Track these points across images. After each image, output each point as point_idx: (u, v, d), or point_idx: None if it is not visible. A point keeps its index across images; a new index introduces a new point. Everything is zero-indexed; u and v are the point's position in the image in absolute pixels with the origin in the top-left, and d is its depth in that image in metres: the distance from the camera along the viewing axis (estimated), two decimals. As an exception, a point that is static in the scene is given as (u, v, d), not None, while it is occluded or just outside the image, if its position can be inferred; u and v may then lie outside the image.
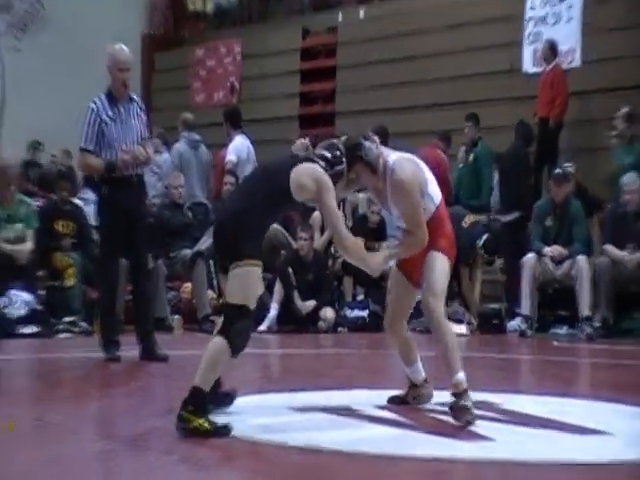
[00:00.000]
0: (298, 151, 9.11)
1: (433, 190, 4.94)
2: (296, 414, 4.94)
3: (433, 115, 12.74)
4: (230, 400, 4.91)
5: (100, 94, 7.13)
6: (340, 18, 14.94)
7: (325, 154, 4.74)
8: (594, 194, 10.36)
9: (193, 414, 4.27)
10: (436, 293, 4.82)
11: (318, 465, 3.92)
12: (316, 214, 10.09)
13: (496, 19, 12.44)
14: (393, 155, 4.92)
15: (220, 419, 4.43)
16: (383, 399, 5.20)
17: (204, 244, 9.75)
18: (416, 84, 13.20)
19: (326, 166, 4.67)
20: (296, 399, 5.36)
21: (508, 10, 12.26)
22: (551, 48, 11.13)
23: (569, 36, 11.38)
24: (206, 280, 9.86)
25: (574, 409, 5.19)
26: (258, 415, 4.85)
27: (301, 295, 9.96)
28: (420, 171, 4.92)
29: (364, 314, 10.11)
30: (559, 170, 9.83)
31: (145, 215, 7.69)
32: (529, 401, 5.47)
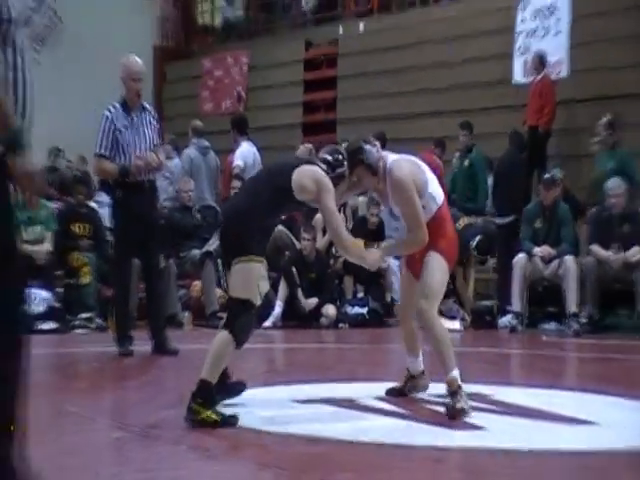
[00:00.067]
0: (302, 155, 9.10)
1: (434, 190, 4.87)
2: (300, 406, 4.93)
3: (430, 123, 12.73)
4: (241, 389, 4.87)
5: (114, 103, 7.13)
6: (341, 31, 14.94)
7: (327, 157, 4.73)
8: (578, 198, 10.35)
9: (202, 406, 4.27)
10: (428, 295, 4.78)
11: (321, 454, 3.91)
12: (319, 216, 10.06)
13: (490, 32, 12.43)
14: (393, 156, 4.88)
15: (227, 410, 4.43)
16: (383, 391, 5.20)
17: (213, 245, 9.75)
18: (413, 93, 13.19)
19: (327, 169, 4.65)
20: (300, 391, 5.36)
21: (502, 23, 12.25)
22: (540, 59, 11.12)
23: (558, 48, 11.36)
24: (214, 279, 9.88)
25: (562, 400, 5.18)
26: (264, 407, 4.84)
27: (304, 293, 9.97)
28: (420, 172, 4.86)
29: (364, 311, 10.11)
30: (548, 175, 9.83)
31: (156, 218, 7.68)
32: (519, 393, 5.46)
